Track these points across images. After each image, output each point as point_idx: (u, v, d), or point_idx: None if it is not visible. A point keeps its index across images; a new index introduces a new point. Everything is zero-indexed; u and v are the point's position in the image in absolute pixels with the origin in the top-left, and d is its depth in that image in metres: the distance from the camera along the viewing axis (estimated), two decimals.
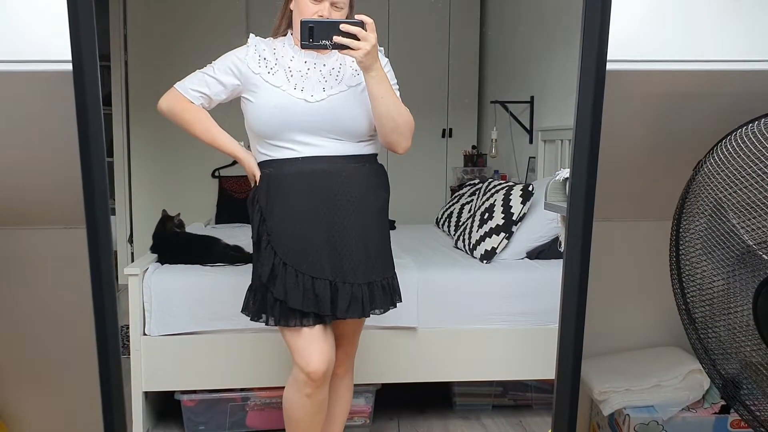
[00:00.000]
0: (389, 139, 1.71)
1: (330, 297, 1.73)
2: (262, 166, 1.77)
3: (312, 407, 1.82)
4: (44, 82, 1.19)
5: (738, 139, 1.17)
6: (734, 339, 1.19)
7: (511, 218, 2.78)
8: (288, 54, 1.74)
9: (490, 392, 2.77)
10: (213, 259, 2.68)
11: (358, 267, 1.75)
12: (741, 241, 1.15)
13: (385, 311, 1.84)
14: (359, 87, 1.72)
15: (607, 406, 1.87)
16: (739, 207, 1.14)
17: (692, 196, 1.24)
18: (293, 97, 1.68)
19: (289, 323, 1.74)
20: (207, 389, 2.52)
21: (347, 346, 1.93)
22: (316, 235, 1.73)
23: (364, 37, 1.55)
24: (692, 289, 1.28)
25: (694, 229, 1.24)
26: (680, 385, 1.83)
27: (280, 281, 1.72)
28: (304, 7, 1.65)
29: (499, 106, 4.07)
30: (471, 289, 2.59)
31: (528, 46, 3.94)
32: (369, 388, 2.59)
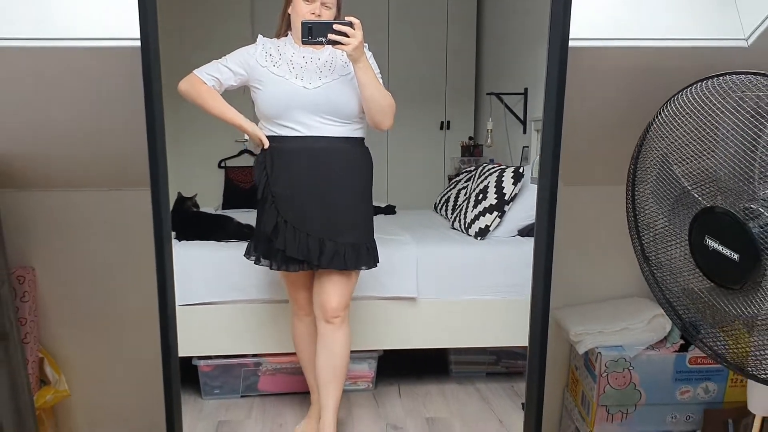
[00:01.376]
0: (376, 118, 2.05)
1: (318, 250, 2.08)
2: (270, 141, 2.10)
3: (305, 329, 2.34)
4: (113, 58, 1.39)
5: (678, 101, 1.38)
6: (675, 265, 1.41)
7: (504, 198, 2.96)
8: (289, 51, 2.09)
9: (484, 360, 2.94)
10: (227, 235, 2.84)
11: (344, 230, 2.10)
12: (679, 184, 1.37)
13: (369, 268, 2.20)
14: (348, 76, 2.06)
15: (581, 346, 2.09)
16: (680, 157, 1.37)
17: (644, 152, 1.45)
18: (295, 85, 2.03)
19: (289, 269, 2.15)
20: (222, 355, 2.68)
21: (340, 292, 2.16)
22: (312, 200, 2.08)
23: (352, 34, 1.90)
24: (645, 232, 1.50)
25: (645, 177, 1.45)
26: (645, 327, 2.05)
27: (281, 235, 2.10)
28: (299, 8, 2.01)
29: (494, 98, 4.22)
30: (466, 263, 2.75)
31: (522, 40, 4.07)
32: (372, 354, 2.76)
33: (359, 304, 2.64)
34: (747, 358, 1.42)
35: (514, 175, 2.99)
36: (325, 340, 2.18)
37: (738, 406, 2.08)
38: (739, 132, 1.29)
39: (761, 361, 1.38)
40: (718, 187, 1.34)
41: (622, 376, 2.09)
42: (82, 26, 1.39)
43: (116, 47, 1.38)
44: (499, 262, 2.76)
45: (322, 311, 2.16)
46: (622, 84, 1.62)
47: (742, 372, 1.44)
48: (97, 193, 1.91)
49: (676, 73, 1.44)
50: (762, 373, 1.38)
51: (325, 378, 2.19)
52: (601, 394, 2.09)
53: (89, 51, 1.41)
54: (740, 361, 1.44)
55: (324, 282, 2.14)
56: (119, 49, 1.38)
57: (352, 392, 2.78)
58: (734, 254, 1.32)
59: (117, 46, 1.37)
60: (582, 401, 2.23)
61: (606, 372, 2.07)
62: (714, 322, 1.41)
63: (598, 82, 1.59)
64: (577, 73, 1.40)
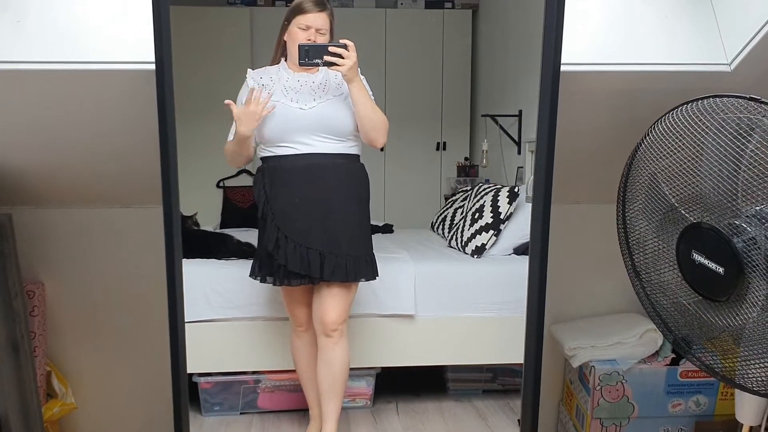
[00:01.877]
0: (370, 135, 2.13)
1: (320, 264, 2.14)
2: (267, 161, 2.19)
3: (304, 346, 2.40)
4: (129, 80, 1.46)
5: (665, 122, 1.46)
6: (664, 278, 1.48)
7: (499, 217, 3.01)
8: (284, 76, 2.18)
9: (481, 377, 2.96)
10: (228, 253, 2.88)
11: (344, 242, 2.16)
12: (667, 201, 1.44)
13: (368, 280, 2.26)
14: (342, 96, 2.15)
15: (575, 360, 2.14)
16: (667, 175, 1.44)
17: (633, 171, 1.52)
18: (291, 107, 2.12)
19: (291, 283, 2.21)
20: (222, 372, 2.69)
21: (339, 306, 2.22)
22: (311, 214, 2.15)
23: (347, 56, 2.00)
24: (636, 250, 1.56)
25: (635, 198, 1.52)
26: (638, 342, 2.11)
27: (282, 250, 2.15)
28: (296, 36, 2.11)
29: (489, 120, 4.30)
30: (463, 281, 2.79)
31: (516, 63, 4.15)
32: (370, 371, 2.78)
33: (357, 322, 2.67)
34: (735, 370, 1.48)
35: (509, 195, 3.05)
36: (325, 353, 2.23)
37: (728, 419, 2.13)
38: (723, 152, 1.36)
39: (747, 372, 1.44)
40: (703, 204, 1.40)
41: (616, 390, 2.14)
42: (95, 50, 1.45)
43: (130, 70, 1.44)
44: (495, 280, 2.80)
45: (321, 324, 2.21)
46: (612, 106, 1.70)
47: (731, 383, 1.50)
48: (106, 210, 1.97)
49: (663, 96, 1.52)
50: (748, 382, 1.44)
51: (326, 390, 2.24)
52: (595, 407, 2.14)
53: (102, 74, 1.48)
54: (729, 373, 1.50)
55: (324, 295, 2.20)
56: (133, 72, 1.45)
57: (350, 409, 2.80)
58: (719, 268, 1.38)
59: (131, 69, 1.44)
60: (577, 414, 2.27)
61: (600, 385, 2.12)
62: (702, 333, 1.47)
63: (590, 105, 1.67)
64: (568, 96, 1.48)
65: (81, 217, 2.00)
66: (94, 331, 2.11)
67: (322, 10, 2.12)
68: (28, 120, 1.66)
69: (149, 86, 1.38)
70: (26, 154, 1.75)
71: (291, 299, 2.33)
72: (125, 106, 1.60)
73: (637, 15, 1.59)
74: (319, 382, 2.26)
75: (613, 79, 1.61)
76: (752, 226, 1.32)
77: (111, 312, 2.11)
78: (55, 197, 1.93)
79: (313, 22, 2.10)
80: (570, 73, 1.48)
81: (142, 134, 1.55)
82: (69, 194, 1.92)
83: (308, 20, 2.10)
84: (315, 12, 2.11)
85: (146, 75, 1.40)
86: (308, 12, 2.10)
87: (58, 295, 2.06)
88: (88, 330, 2.11)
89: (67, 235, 2.02)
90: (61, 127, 1.67)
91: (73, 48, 1.46)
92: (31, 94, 1.57)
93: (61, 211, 1.99)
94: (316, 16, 2.10)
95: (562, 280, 1.77)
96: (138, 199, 1.88)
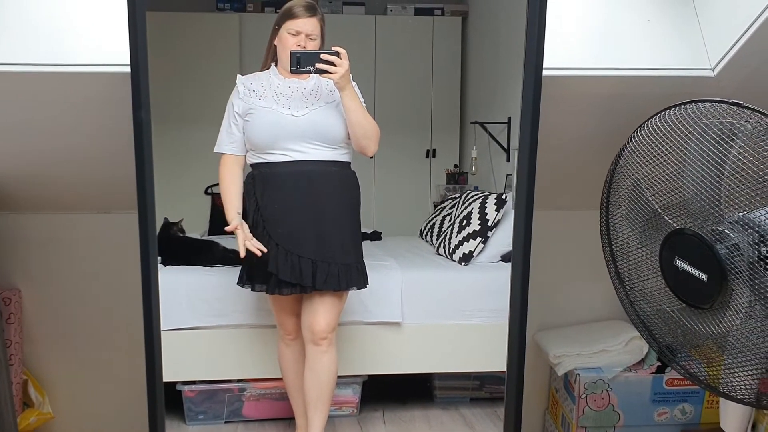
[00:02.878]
0: (361, 143, 2.11)
1: (312, 273, 2.11)
2: (258, 167, 2.16)
3: (292, 354, 2.37)
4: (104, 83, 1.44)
5: (647, 128, 1.45)
6: (647, 286, 1.46)
7: (487, 224, 2.99)
8: (275, 82, 2.15)
9: (468, 385, 2.93)
10: (213, 260, 2.82)
11: (336, 250, 2.15)
12: (650, 207, 1.43)
13: (359, 288, 2.24)
14: (334, 103, 2.12)
15: (561, 368, 2.12)
16: (651, 181, 1.42)
17: (616, 177, 1.51)
18: (282, 114, 2.09)
19: (282, 292, 2.16)
20: (206, 380, 2.66)
21: (329, 314, 2.20)
22: (303, 222, 2.13)
23: (339, 63, 1.97)
24: (620, 257, 1.55)
25: (619, 204, 1.51)
26: (623, 350, 2.10)
27: (274, 258, 2.12)
28: (286, 41, 2.09)
29: (479, 127, 4.28)
30: (451, 288, 2.78)
31: (505, 71, 4.13)
32: (356, 379, 2.76)
33: (344, 329, 2.64)
34: (719, 378, 1.46)
35: (496, 202, 3.04)
36: (313, 362, 2.20)
37: (714, 427, 2.12)
38: (706, 157, 1.35)
39: (732, 380, 1.42)
40: (686, 210, 1.39)
41: (601, 398, 2.13)
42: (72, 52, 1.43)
43: (105, 73, 1.42)
44: (482, 288, 2.78)
45: (310, 333, 2.19)
46: (595, 111, 1.69)
47: (715, 391, 1.48)
48: (83, 216, 1.95)
49: (647, 101, 1.51)
50: (733, 391, 1.42)
51: (312, 399, 2.22)
52: (580, 415, 2.13)
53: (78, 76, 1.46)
54: (713, 381, 1.49)
55: (314, 303, 2.17)
56: (108, 75, 1.43)
57: (336, 417, 2.78)
58: (703, 274, 1.37)
59: (105, 72, 1.42)
60: (562, 423, 2.26)
61: (585, 394, 2.11)
62: (686, 341, 1.45)
63: (572, 110, 1.67)
64: (551, 101, 1.46)
65: (58, 223, 1.98)
66: (72, 339, 2.08)
67: (313, 15, 2.11)
68: (2, 124, 1.63)
69: (125, 90, 1.36)
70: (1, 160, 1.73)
71: (280, 308, 2.30)
72: (101, 110, 1.58)
73: (619, 19, 1.59)
74: (306, 391, 2.23)
75: (596, 83, 1.60)
76: (735, 233, 1.31)
77: (89, 319, 2.08)
78: (31, 203, 1.91)
79: (303, 28, 2.08)
80: (552, 77, 1.47)
81: (118, 138, 1.52)
82: (46, 200, 1.89)
83: (298, 25, 2.08)
84: (305, 17, 2.09)
85: (121, 78, 1.38)
86: (298, 17, 2.08)
87: (35, 302, 2.03)
88: (65, 338, 2.07)
89: (44, 242, 1.99)
90: (36, 132, 1.65)
91: (47, 50, 1.44)
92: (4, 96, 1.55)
93: (38, 217, 1.96)
94: (306, 22, 2.09)
95: (547, 287, 1.75)
96: (116, 205, 1.85)
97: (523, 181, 1.46)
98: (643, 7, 1.58)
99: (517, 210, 1.53)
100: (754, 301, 1.30)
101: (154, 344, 1.46)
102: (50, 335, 2.08)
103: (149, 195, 1.39)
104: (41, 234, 2.01)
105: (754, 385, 1.38)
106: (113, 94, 1.47)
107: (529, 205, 1.45)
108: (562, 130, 1.69)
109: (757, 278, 1.28)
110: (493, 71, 4.45)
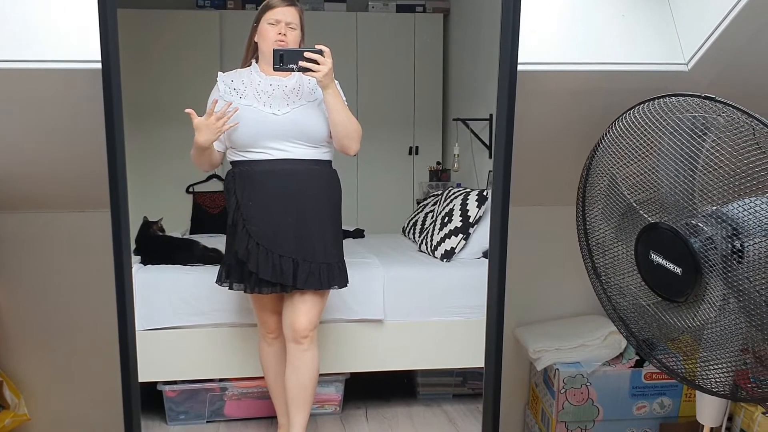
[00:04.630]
0: (343, 142, 2.10)
1: (293, 272, 2.09)
2: (238, 165, 2.13)
3: (274, 353, 2.34)
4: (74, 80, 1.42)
5: (622, 122, 1.45)
6: (623, 281, 1.47)
7: (468, 221, 3.00)
8: (255, 79, 2.12)
9: (451, 382, 2.93)
10: (193, 259, 2.81)
11: (317, 249, 2.13)
12: (625, 201, 1.43)
13: (341, 287, 2.22)
14: (316, 101, 2.10)
15: (540, 363, 2.13)
16: (625, 175, 1.43)
17: (592, 173, 1.51)
18: (263, 112, 2.07)
19: (263, 291, 2.14)
20: (187, 380, 2.64)
21: (310, 312, 2.19)
22: (284, 221, 2.10)
23: (323, 62, 1.95)
24: (597, 252, 1.55)
25: (595, 200, 1.51)
26: (602, 344, 2.11)
27: (254, 258, 2.09)
28: (265, 32, 2.07)
29: (461, 124, 4.29)
30: (432, 285, 2.78)
31: (487, 67, 4.13)
32: (339, 377, 2.75)
33: (326, 327, 2.63)
34: (696, 372, 1.47)
35: (478, 198, 3.04)
36: (294, 361, 2.19)
37: (692, 420, 2.13)
38: (679, 151, 1.35)
39: (707, 373, 1.43)
40: (661, 204, 1.40)
41: (580, 393, 2.14)
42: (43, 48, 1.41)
43: (76, 69, 1.40)
44: (464, 284, 2.78)
45: (291, 331, 2.18)
46: (571, 106, 1.70)
47: (692, 384, 1.49)
48: (57, 215, 1.92)
49: (622, 95, 1.52)
50: (708, 384, 1.43)
51: (294, 398, 2.21)
52: (560, 410, 2.14)
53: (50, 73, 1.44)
54: (690, 375, 1.49)
55: (296, 302, 2.16)
56: (80, 72, 1.41)
57: (319, 416, 2.77)
58: (677, 268, 1.38)
59: (77, 69, 1.40)
60: (542, 418, 2.26)
61: (564, 388, 2.12)
62: (661, 335, 1.46)
63: (548, 105, 1.67)
64: (526, 96, 1.46)
65: (33, 222, 1.95)
66: (48, 340, 2.05)
67: (291, 5, 2.10)
68: None
69: (97, 87, 1.34)
70: None
71: (261, 307, 2.29)
72: (72, 108, 1.56)
73: (595, 15, 1.59)
74: (287, 390, 2.22)
75: (571, 78, 1.61)
76: (709, 226, 1.32)
77: (64, 320, 2.05)
78: (5, 202, 1.88)
79: (283, 16, 2.07)
80: (527, 72, 1.47)
81: (90, 137, 1.50)
82: (18, 199, 1.86)
83: (277, 14, 2.07)
84: (283, 6, 2.08)
85: (93, 75, 1.36)
86: (276, 6, 2.08)
87: (11, 303, 2.00)
88: (41, 338, 2.05)
89: (19, 241, 1.97)
90: (5, 130, 1.62)
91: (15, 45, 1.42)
92: None
93: (13, 216, 1.93)
94: (284, 10, 2.08)
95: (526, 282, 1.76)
96: (91, 203, 1.83)
97: (499, 177, 1.46)
98: (618, 2, 1.58)
99: (494, 206, 1.53)
100: (728, 294, 1.31)
101: (128, 344, 1.44)
102: (26, 336, 2.05)
103: (122, 193, 1.37)
104: (16, 233, 1.98)
105: (729, 378, 1.39)
106: (84, 92, 1.45)
107: (505, 201, 1.45)
108: (538, 126, 1.69)
109: (731, 272, 1.28)
110: (474, 68, 4.44)
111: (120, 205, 1.35)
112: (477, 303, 2.77)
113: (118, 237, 1.37)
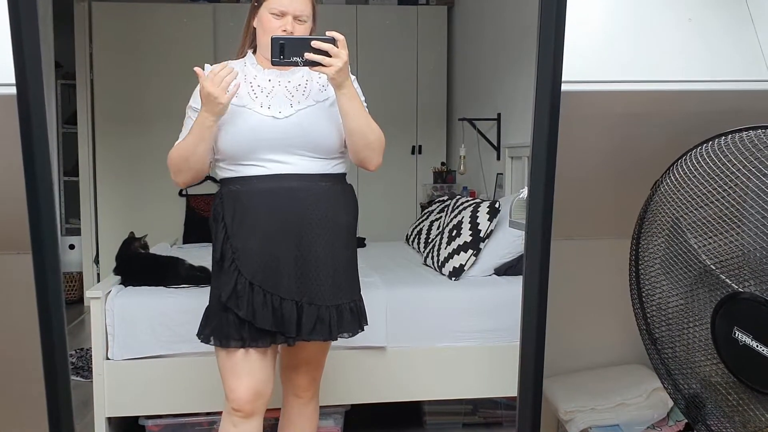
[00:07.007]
0: (361, 155, 1.69)
1: (296, 317, 1.68)
2: (228, 183, 1.72)
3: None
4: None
5: (693, 159, 1.17)
6: (693, 358, 1.20)
7: (479, 235, 2.79)
8: (251, 73, 1.72)
9: (460, 410, 2.75)
10: (178, 280, 2.64)
11: (326, 288, 1.71)
12: (699, 261, 1.15)
13: (353, 335, 1.81)
14: (327, 102, 1.70)
15: (573, 426, 1.87)
16: (696, 226, 1.14)
17: (650, 215, 1.24)
18: (261, 115, 1.66)
19: (259, 344, 1.68)
20: (172, 414, 2.49)
21: (313, 370, 1.90)
22: (284, 254, 1.68)
23: (335, 53, 1.54)
24: (652, 309, 1.28)
25: (652, 248, 1.24)
26: (645, 403, 1.85)
27: (248, 301, 1.66)
28: (268, 23, 1.65)
29: (467, 124, 4.10)
30: (440, 307, 2.59)
31: (494, 65, 3.98)
32: (338, 409, 2.57)
33: None
34: None
35: (489, 211, 2.83)
36: (291, 416, 1.88)
37: None
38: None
39: None
40: (749, 269, 1.11)
41: None
42: None
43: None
44: (475, 305, 2.60)
45: (291, 386, 1.87)
46: (617, 133, 1.40)
47: None
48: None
49: (688, 122, 1.23)
50: None
51: None
52: None
53: None
54: None
55: (298, 355, 1.82)
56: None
57: None
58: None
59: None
60: None
61: None
62: (741, 425, 1.18)
63: (589, 132, 1.38)
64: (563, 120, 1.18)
65: None
66: None
67: None
68: None
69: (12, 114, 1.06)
70: None
71: (232, 368, 1.71)
72: None
73: (650, 19, 1.29)
74: None
75: (620, 99, 1.31)
76: None
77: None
78: None
79: (290, 7, 1.64)
80: (566, 93, 1.18)
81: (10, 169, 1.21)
82: None
83: (283, 4, 1.64)
84: None
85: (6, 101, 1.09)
86: None
87: None
88: None
89: None
90: None
91: None
92: None
93: None
94: (292, 0, 1.65)
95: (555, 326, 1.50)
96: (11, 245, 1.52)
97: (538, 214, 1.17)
98: (681, 2, 1.28)
99: (530, 242, 1.25)
100: None
101: None
102: None
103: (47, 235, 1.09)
104: None
105: None
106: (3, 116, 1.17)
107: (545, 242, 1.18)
108: (579, 155, 1.41)
109: None
110: (481, 64, 4.26)
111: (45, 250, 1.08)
112: (489, 327, 2.60)
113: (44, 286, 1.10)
